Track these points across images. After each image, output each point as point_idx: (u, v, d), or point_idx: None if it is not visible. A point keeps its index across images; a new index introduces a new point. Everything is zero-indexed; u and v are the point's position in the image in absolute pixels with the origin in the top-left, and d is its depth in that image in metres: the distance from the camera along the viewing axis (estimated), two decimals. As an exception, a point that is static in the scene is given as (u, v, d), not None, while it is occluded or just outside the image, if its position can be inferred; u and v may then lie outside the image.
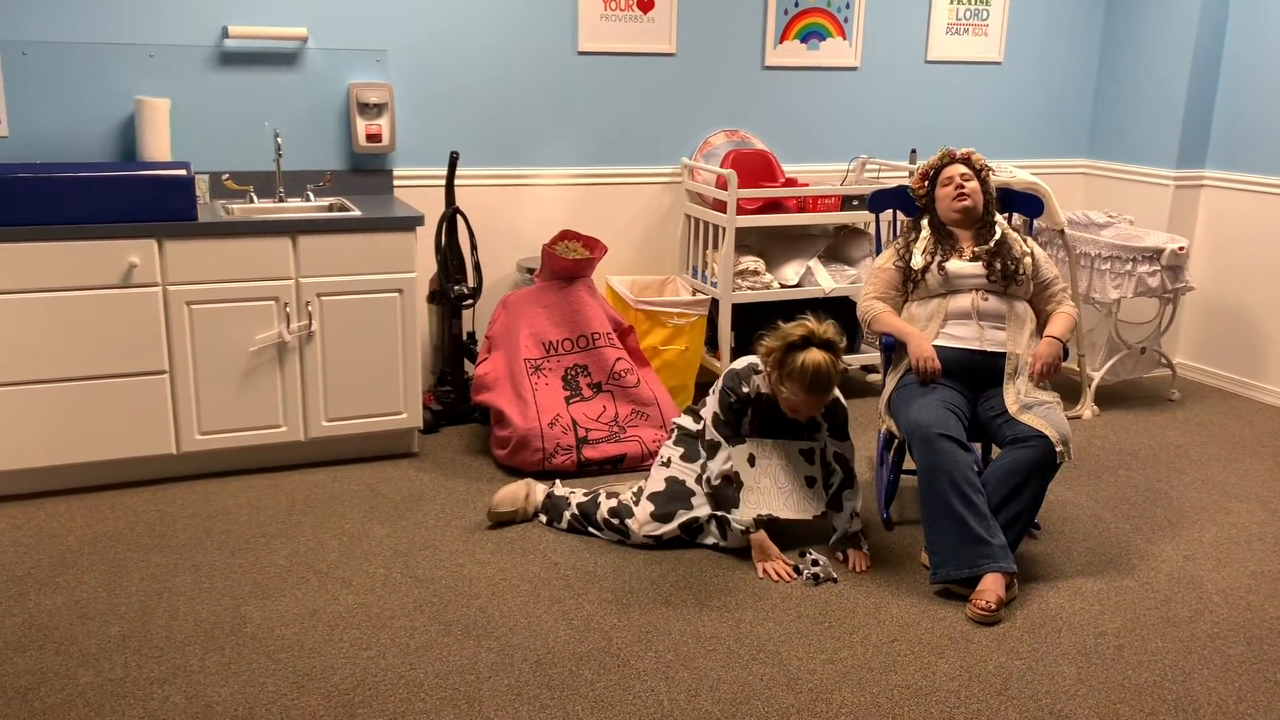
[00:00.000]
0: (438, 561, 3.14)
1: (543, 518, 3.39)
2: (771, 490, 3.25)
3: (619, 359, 3.95)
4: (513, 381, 3.86)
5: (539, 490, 3.42)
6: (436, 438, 4.13)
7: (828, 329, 3.07)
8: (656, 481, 3.30)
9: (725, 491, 3.20)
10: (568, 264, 3.90)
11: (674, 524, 3.22)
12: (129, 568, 3.07)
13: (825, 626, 2.84)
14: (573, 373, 3.91)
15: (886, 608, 2.94)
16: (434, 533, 3.33)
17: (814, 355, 3.00)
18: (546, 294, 3.95)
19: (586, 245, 4.01)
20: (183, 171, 3.53)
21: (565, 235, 4.03)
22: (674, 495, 3.25)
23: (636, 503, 3.28)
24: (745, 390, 3.21)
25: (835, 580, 3.08)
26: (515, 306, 3.96)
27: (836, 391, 3.21)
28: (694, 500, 3.24)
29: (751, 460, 3.26)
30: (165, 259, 3.44)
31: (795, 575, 3.09)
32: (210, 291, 3.52)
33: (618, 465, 3.81)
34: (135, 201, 3.38)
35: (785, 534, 3.33)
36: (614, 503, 3.30)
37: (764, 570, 3.12)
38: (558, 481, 3.48)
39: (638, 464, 3.82)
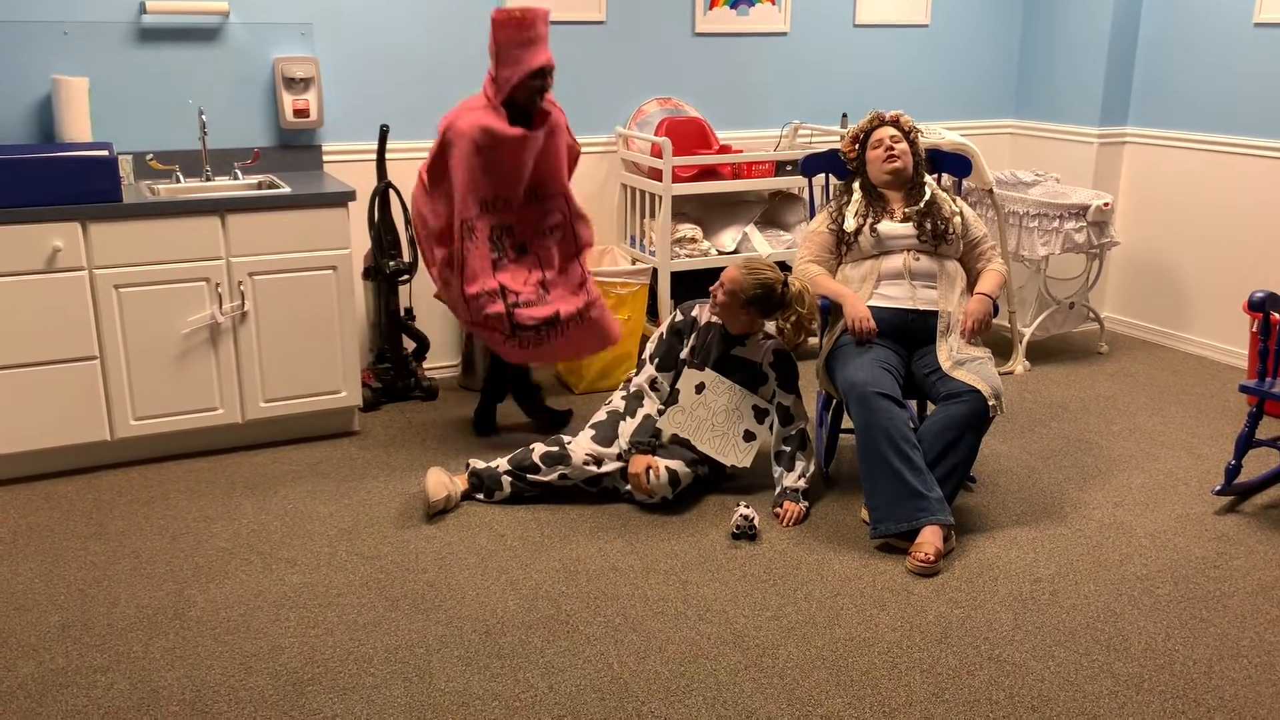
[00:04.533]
0: (383, 538, 3.13)
1: (479, 496, 3.37)
2: (705, 421, 3.33)
3: (548, 214, 3.66)
4: (453, 241, 3.54)
5: (457, 481, 3.36)
6: (377, 415, 4.11)
7: (796, 283, 3.33)
8: (599, 415, 3.45)
9: (633, 405, 3.39)
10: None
11: (614, 447, 3.33)
12: (66, 557, 3.02)
13: (769, 584, 2.89)
14: (498, 233, 3.56)
15: (828, 563, 3.00)
16: (378, 510, 3.32)
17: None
18: (499, 145, 3.48)
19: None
20: (104, 152, 3.45)
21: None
22: (615, 424, 3.39)
23: (574, 435, 3.41)
24: (693, 314, 3.40)
25: (754, 539, 3.13)
26: (462, 143, 3.47)
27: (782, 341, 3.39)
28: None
29: (699, 388, 3.34)
30: (90, 242, 3.37)
31: (647, 484, 3.23)
32: (139, 274, 3.45)
33: (552, 325, 3.58)
34: (57, 184, 3.29)
35: (731, 484, 3.38)
36: (548, 447, 3.34)
37: (633, 468, 3.25)
38: (471, 461, 3.42)
39: (572, 317, 3.61)
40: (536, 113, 3.54)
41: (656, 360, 3.42)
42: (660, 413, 3.36)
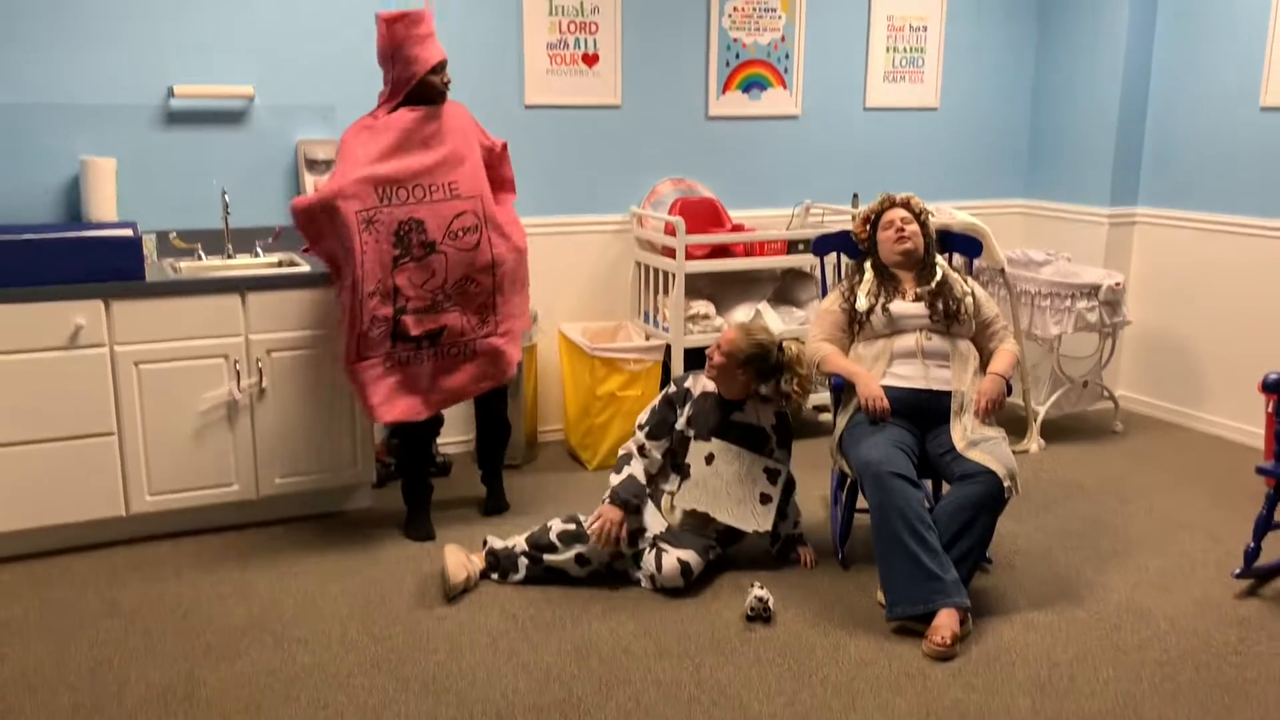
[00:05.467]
0: (394, 617, 3.12)
1: (494, 576, 3.35)
2: (720, 491, 3.34)
3: (460, 215, 3.47)
4: (342, 245, 3.38)
5: (475, 559, 3.35)
6: (389, 491, 4.10)
7: (793, 346, 3.41)
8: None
9: (620, 464, 3.39)
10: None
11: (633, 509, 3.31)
12: (78, 635, 3.01)
13: (784, 668, 2.85)
14: (406, 228, 3.39)
15: (844, 647, 2.97)
16: (390, 588, 3.30)
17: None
18: (389, 127, 3.42)
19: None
20: (129, 232, 3.52)
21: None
22: None
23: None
24: (686, 385, 3.44)
25: (768, 620, 3.10)
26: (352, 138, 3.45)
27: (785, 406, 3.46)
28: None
29: (709, 459, 3.35)
30: (112, 319, 3.42)
31: (616, 546, 3.23)
32: (159, 351, 3.49)
33: (436, 339, 3.49)
34: (82, 263, 3.35)
35: (745, 564, 3.36)
36: (565, 525, 3.31)
37: (595, 517, 3.24)
38: (488, 538, 3.42)
39: (457, 337, 3.53)
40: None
41: (646, 429, 3.44)
42: (649, 477, 3.38)
